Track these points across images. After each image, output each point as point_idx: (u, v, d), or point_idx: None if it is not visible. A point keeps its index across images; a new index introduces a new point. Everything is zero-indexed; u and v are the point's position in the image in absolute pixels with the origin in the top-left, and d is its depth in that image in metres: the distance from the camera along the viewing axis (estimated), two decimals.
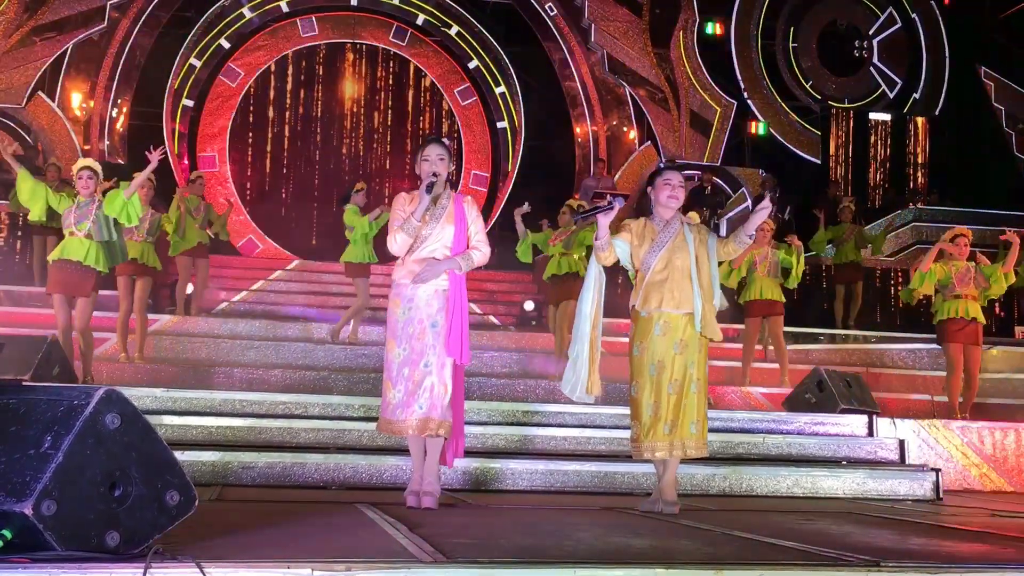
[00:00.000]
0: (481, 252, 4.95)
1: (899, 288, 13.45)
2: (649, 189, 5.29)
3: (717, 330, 5.10)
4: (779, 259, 9.60)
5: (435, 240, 4.86)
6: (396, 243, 4.88)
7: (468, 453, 6.27)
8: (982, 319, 8.89)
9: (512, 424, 6.98)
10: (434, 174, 4.84)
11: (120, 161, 15.93)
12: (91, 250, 7.58)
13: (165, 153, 8.07)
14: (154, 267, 9.21)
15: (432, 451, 4.81)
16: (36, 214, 7.70)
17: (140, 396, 6.63)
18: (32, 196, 7.59)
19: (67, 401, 2.86)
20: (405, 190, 5.16)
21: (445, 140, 5.17)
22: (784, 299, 9.71)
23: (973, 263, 8.98)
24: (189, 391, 7.04)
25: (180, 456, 5.57)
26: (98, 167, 7.99)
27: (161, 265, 9.46)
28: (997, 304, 13.50)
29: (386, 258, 8.65)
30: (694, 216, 8.09)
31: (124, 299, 9.02)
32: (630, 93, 17.46)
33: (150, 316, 10.40)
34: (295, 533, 3.76)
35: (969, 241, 8.99)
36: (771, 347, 10.10)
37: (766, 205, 5.04)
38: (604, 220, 4.95)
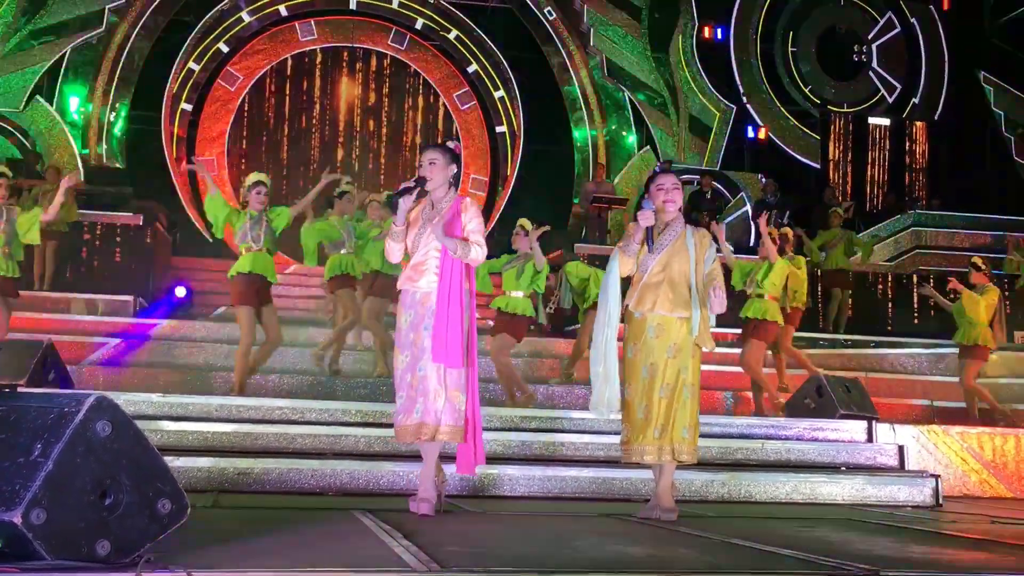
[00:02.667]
0: (479, 248, 4.84)
1: (893, 293, 13.46)
2: (646, 195, 5.25)
3: (710, 339, 5.06)
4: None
5: (425, 243, 4.83)
6: (389, 252, 4.93)
7: None
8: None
9: (510, 429, 6.94)
10: (419, 179, 4.79)
11: (118, 165, 15.93)
12: (271, 265, 7.87)
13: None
14: None
15: (429, 457, 4.78)
16: (219, 230, 7.86)
17: (137, 401, 6.60)
18: (219, 212, 7.71)
19: (57, 408, 2.83)
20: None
21: (450, 143, 5.04)
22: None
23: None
24: (186, 396, 7.00)
25: (176, 462, 5.61)
26: (269, 182, 8.12)
27: None
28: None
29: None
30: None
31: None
32: (629, 97, 17.47)
33: (148, 320, 10.42)
34: (289, 541, 3.73)
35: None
36: None
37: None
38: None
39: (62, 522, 2.71)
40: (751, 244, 15.53)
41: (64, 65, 15.95)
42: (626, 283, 5.13)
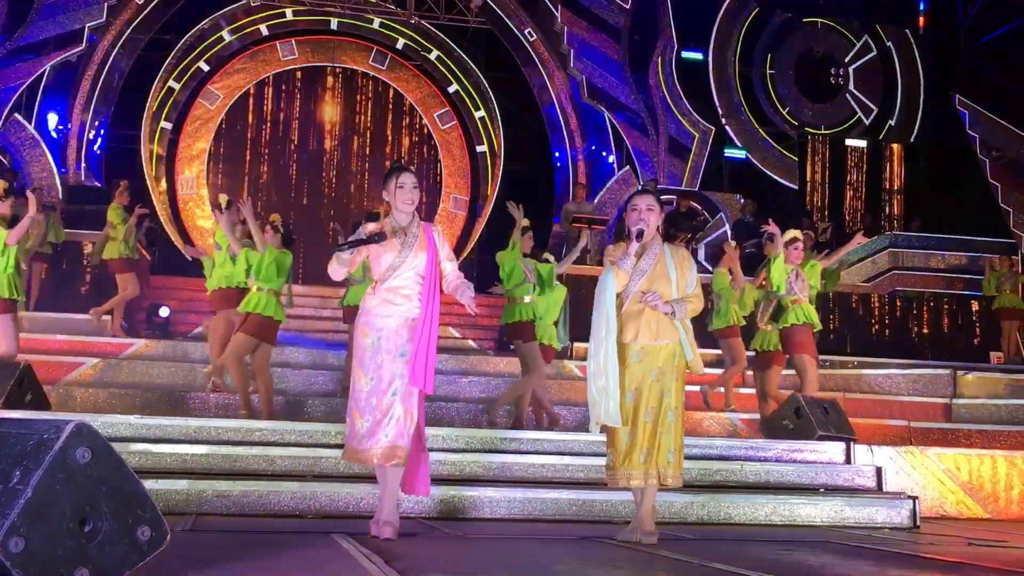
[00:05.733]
0: (454, 265, 5.02)
1: (870, 314, 13.56)
2: (624, 215, 5.26)
3: (700, 362, 5.08)
4: None
5: (408, 267, 4.85)
6: (335, 272, 4.88)
7: (445, 481, 6.27)
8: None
9: (490, 451, 6.93)
10: (377, 235, 4.79)
11: (97, 184, 15.85)
12: None
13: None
14: None
15: (392, 480, 4.78)
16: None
17: (114, 423, 6.55)
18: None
19: (37, 435, 2.81)
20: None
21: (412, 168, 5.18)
22: None
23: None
24: (164, 418, 6.95)
25: (154, 484, 5.58)
26: None
27: None
28: (977, 328, 13.64)
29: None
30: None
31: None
32: (609, 118, 17.55)
33: (126, 340, 10.36)
34: (269, 567, 3.71)
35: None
36: None
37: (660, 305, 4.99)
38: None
39: (41, 550, 2.69)
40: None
41: (43, 83, 15.86)
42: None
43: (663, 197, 16.33)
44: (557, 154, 18.11)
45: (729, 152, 18.09)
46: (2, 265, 7.48)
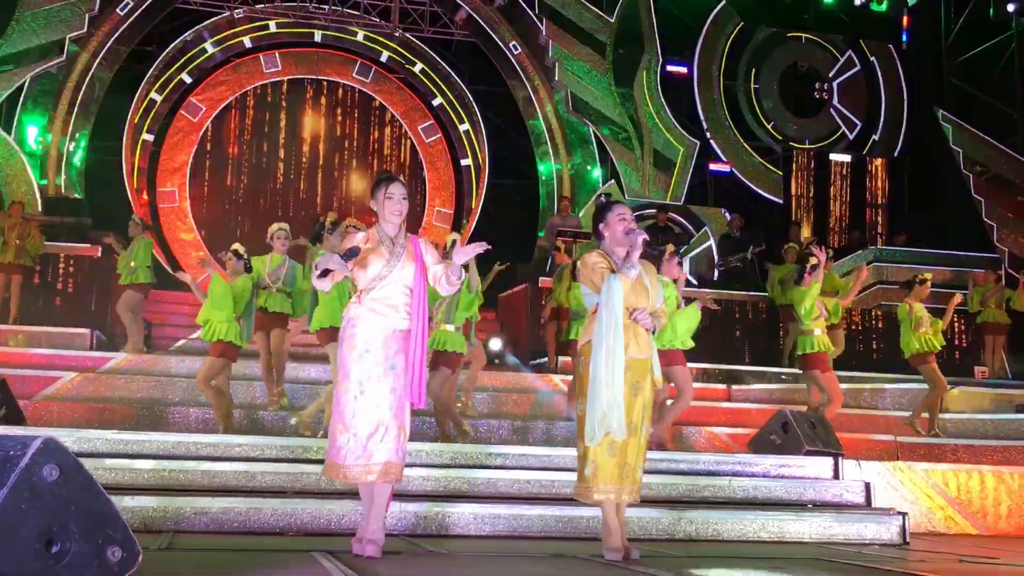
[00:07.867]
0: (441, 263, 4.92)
1: (861, 328, 13.53)
2: (601, 226, 5.12)
3: (661, 378, 5.01)
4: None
5: (395, 278, 4.74)
6: (322, 285, 4.74)
7: (430, 497, 6.17)
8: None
9: (475, 467, 6.82)
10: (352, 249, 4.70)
11: (77, 196, 15.68)
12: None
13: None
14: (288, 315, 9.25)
15: (380, 497, 4.66)
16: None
17: (90, 438, 6.43)
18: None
19: (2, 452, 2.70)
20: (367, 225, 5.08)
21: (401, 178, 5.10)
22: None
23: None
24: (141, 433, 6.82)
25: (131, 501, 5.45)
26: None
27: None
28: (958, 344, 13.62)
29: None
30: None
31: (263, 351, 9.10)
32: (594, 132, 17.53)
33: (104, 354, 10.21)
34: None
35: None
36: None
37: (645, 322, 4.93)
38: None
39: (6, 573, 2.58)
40: (715, 278, 15.61)
41: (23, 94, 15.69)
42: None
43: (646, 212, 16.35)
44: (542, 167, 18.06)
45: (714, 167, 18.07)
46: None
